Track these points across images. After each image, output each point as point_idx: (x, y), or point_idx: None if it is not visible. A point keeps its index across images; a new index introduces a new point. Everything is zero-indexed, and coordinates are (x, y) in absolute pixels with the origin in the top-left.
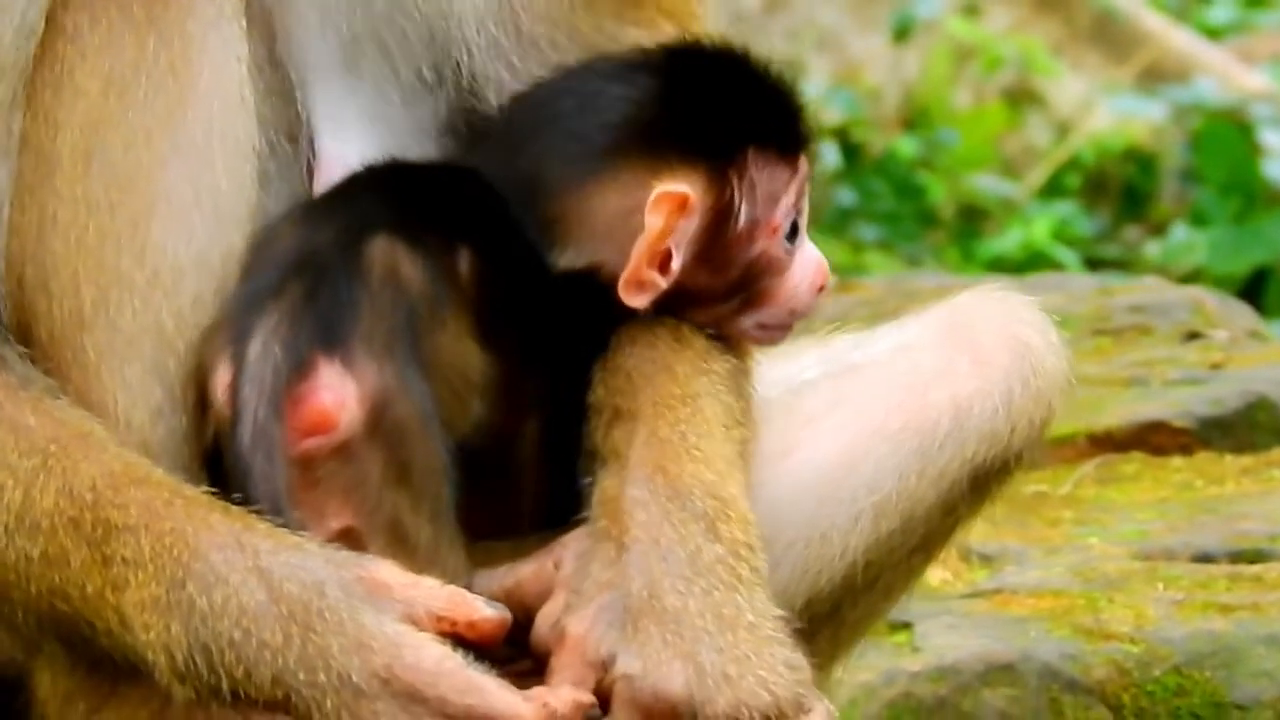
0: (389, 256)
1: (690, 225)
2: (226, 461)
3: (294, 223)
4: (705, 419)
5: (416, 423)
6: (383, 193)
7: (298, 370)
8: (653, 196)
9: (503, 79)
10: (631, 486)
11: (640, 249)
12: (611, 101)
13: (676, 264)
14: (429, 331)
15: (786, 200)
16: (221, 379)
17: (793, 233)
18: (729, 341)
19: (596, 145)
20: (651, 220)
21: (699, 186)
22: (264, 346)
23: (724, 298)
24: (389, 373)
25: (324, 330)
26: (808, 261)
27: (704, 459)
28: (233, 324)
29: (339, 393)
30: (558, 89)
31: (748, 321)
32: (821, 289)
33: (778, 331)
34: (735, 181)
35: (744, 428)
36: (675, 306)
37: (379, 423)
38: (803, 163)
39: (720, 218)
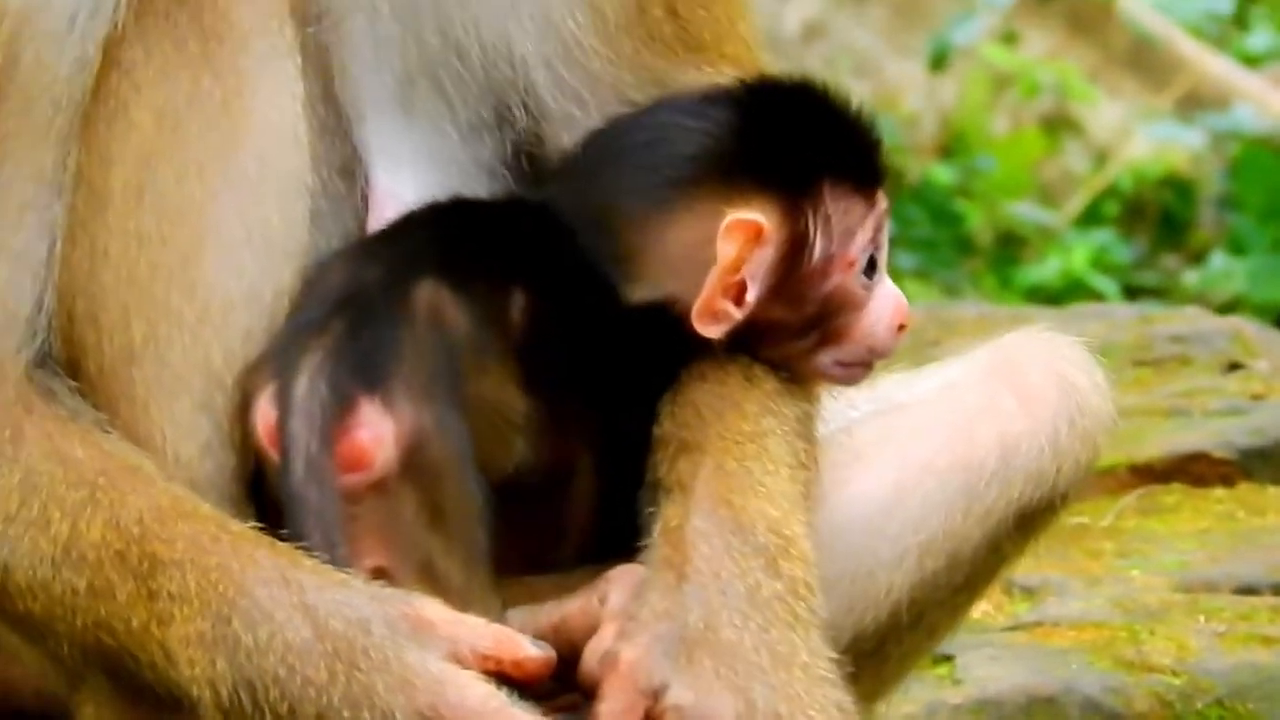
0: (434, 299)
1: (765, 256)
2: (276, 496)
3: (345, 260)
4: (771, 457)
5: (453, 465)
6: (437, 232)
7: (340, 406)
8: (725, 223)
9: (565, 119)
10: (695, 518)
11: (714, 277)
12: (686, 134)
13: (751, 296)
14: (471, 376)
15: (863, 235)
16: (265, 414)
17: (870, 268)
18: (801, 382)
19: (670, 177)
20: (724, 248)
21: (774, 217)
22: (310, 384)
23: (800, 333)
24: (427, 414)
25: (365, 369)
26: (886, 299)
27: (768, 496)
28: (277, 359)
29: (377, 431)
30: (630, 124)
31: (826, 359)
32: (901, 328)
33: (857, 370)
34: (810, 214)
35: (808, 470)
36: (751, 342)
37: (414, 463)
38: (880, 198)
39: (795, 250)
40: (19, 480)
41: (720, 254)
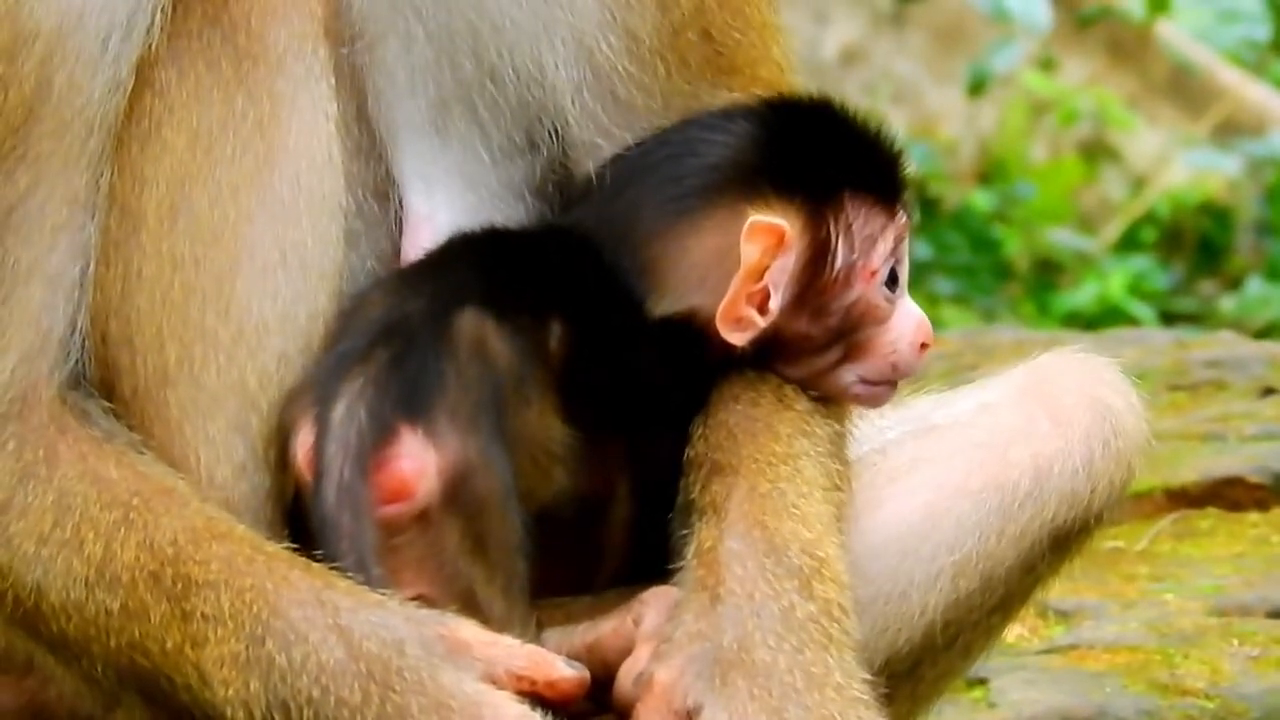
0: (478, 329)
1: (787, 263)
2: (310, 521)
3: (385, 290)
4: (805, 479)
5: (497, 497)
6: (476, 263)
7: (381, 435)
8: (748, 224)
9: (598, 145)
10: (729, 539)
11: (738, 280)
12: (708, 146)
13: (775, 304)
14: (513, 406)
15: (884, 245)
16: (304, 440)
17: (892, 281)
18: (831, 404)
19: (692, 187)
20: (747, 251)
21: (796, 224)
22: (348, 410)
23: (823, 348)
24: (471, 446)
25: (409, 398)
26: (909, 316)
27: (802, 518)
28: (318, 386)
29: (420, 461)
30: (654, 142)
31: (849, 376)
32: (924, 346)
33: (881, 389)
34: (832, 221)
35: (841, 491)
36: (775, 358)
37: (457, 494)
38: (900, 213)
39: (817, 258)
40: (53, 501)
41: (744, 256)
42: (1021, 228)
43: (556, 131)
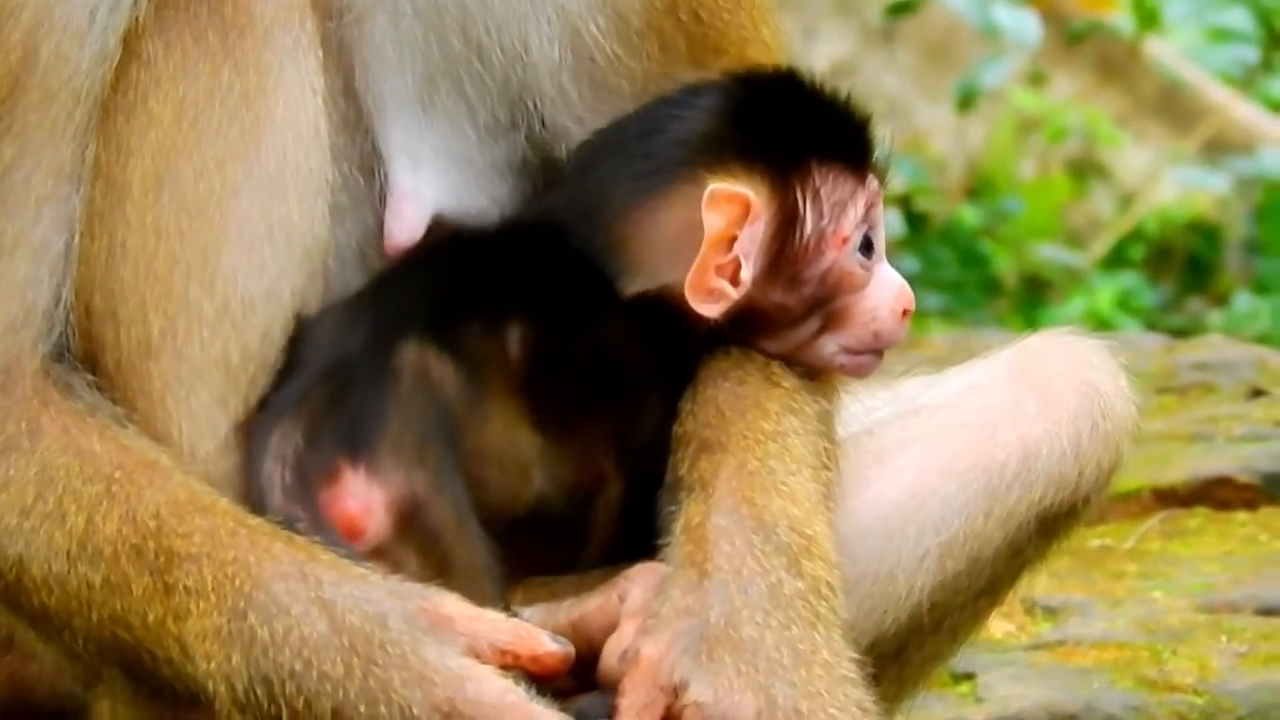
0: (419, 360)
1: (756, 233)
2: None
3: (330, 322)
4: (794, 457)
5: (450, 526)
6: (427, 281)
7: (324, 477)
8: (707, 193)
9: (582, 122)
10: (717, 515)
11: (704, 249)
12: (674, 122)
13: (747, 274)
14: (470, 427)
15: (854, 211)
16: (249, 486)
17: (867, 248)
18: (818, 381)
19: (658, 162)
20: (711, 219)
21: (762, 192)
22: (287, 454)
23: (802, 318)
24: (418, 478)
25: (349, 438)
26: (887, 282)
27: (791, 495)
28: (258, 432)
29: (365, 500)
30: (621, 122)
31: (831, 346)
32: (905, 313)
33: (864, 358)
34: (799, 188)
35: (830, 470)
36: (755, 332)
37: (410, 527)
38: (870, 178)
39: (786, 225)
40: (35, 474)
41: (707, 225)
42: (1010, 244)
43: (540, 110)
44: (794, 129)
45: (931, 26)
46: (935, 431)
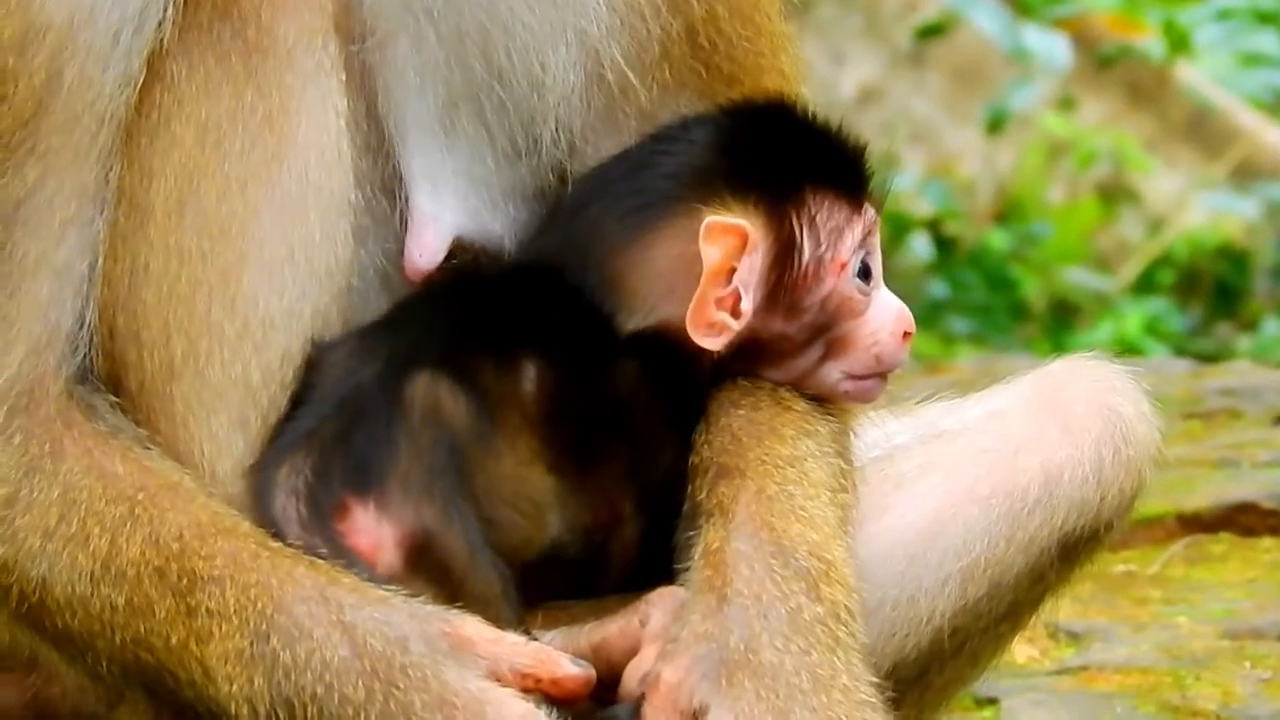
0: (430, 394)
1: (754, 263)
2: None
3: (344, 353)
4: (812, 481)
5: (462, 558)
6: (440, 316)
7: (333, 513)
8: (704, 225)
9: (599, 149)
10: (736, 540)
11: (703, 283)
12: (665, 157)
13: (747, 305)
14: (480, 463)
15: (851, 237)
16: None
17: (865, 274)
18: (827, 404)
19: (650, 197)
20: (709, 252)
21: (758, 223)
22: (288, 488)
23: (804, 346)
24: (428, 513)
25: (357, 473)
26: (887, 307)
27: (809, 520)
28: (266, 465)
29: (374, 535)
30: (614, 159)
31: (834, 373)
32: (906, 336)
33: (868, 383)
34: (794, 217)
35: (848, 493)
36: (758, 363)
37: (420, 562)
38: (866, 205)
39: (784, 254)
40: (58, 496)
41: (705, 258)
42: (1038, 268)
43: (556, 135)
44: (786, 158)
45: (961, 50)
46: (957, 457)
